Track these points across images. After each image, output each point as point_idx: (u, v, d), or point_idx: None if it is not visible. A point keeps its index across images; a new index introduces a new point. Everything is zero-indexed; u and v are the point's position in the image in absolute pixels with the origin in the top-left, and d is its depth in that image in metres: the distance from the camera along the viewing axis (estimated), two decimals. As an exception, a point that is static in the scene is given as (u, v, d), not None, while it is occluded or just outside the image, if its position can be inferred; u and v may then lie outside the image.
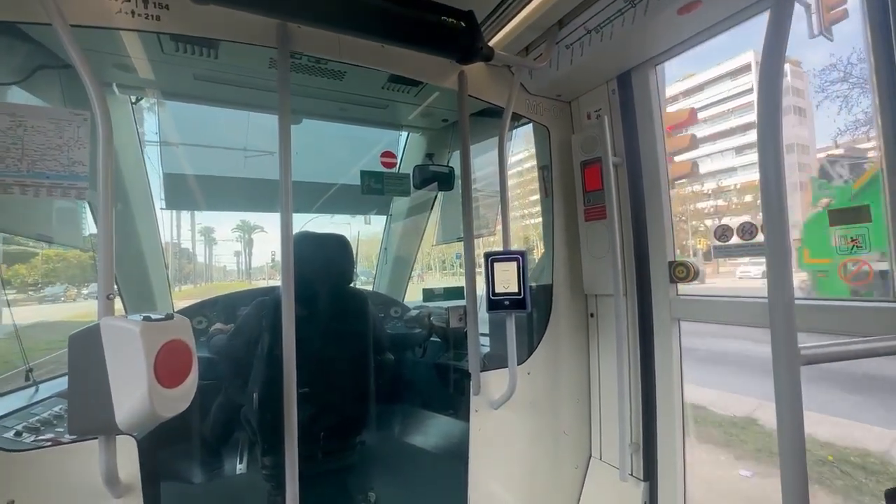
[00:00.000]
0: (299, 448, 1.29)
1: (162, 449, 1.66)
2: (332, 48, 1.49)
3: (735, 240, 1.46)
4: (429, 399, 2.41)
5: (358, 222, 3.11)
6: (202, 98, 2.14)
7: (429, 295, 2.10)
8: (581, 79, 1.79)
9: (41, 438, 1.16)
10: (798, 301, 0.68)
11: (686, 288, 1.65)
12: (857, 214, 1.24)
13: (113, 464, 1.02)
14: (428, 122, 2.61)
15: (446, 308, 2.08)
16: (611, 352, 1.83)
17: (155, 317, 0.87)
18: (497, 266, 1.59)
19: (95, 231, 1.80)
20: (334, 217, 2.97)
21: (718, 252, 1.53)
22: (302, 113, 2.28)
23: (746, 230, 1.43)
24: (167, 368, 0.85)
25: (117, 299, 1.09)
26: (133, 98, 2.11)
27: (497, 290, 1.59)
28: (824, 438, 3.87)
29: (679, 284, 1.65)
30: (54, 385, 1.59)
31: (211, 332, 2.14)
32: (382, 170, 2.24)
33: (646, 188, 1.71)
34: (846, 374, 5.01)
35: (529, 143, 2.13)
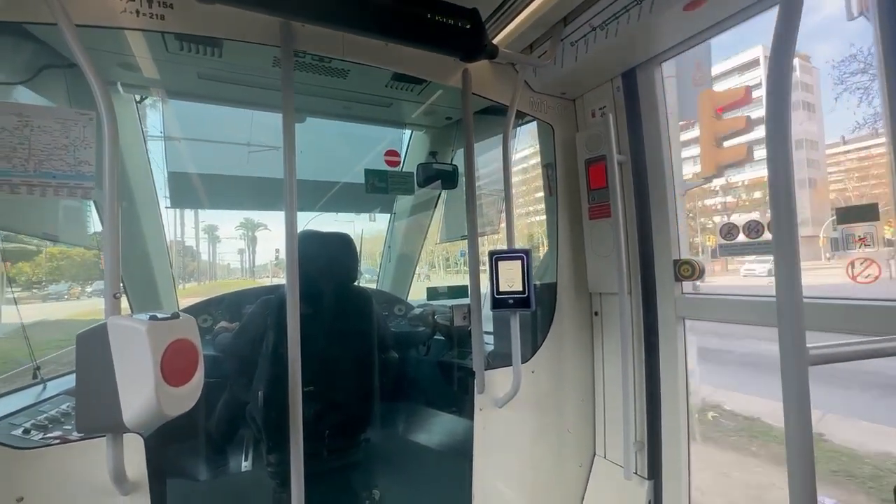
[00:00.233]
0: (304, 446, 1.29)
1: (168, 446, 1.67)
2: (336, 46, 1.49)
3: (741, 238, 1.44)
4: (433, 397, 2.41)
5: (361, 220, 3.12)
6: (206, 97, 2.14)
7: (433, 293, 2.10)
8: (586, 76, 1.78)
9: (49, 436, 1.17)
10: (806, 299, 0.67)
11: (687, 286, 1.64)
12: (865, 213, 1.23)
13: (120, 461, 1.03)
14: (431, 121, 2.60)
15: (450, 306, 2.07)
16: (615, 350, 1.82)
17: (161, 316, 0.87)
18: (501, 264, 1.59)
19: (100, 229, 1.81)
20: (338, 215, 2.97)
21: (724, 250, 1.52)
22: (306, 111, 2.28)
23: (753, 228, 1.41)
24: (174, 367, 0.85)
25: (123, 298, 1.10)
26: (138, 97, 2.12)
27: (501, 289, 1.59)
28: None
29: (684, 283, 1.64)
30: (62, 383, 1.61)
31: (216, 331, 2.15)
32: (386, 168, 2.24)
33: (651, 186, 1.70)
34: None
35: (536, 139, 2.12)
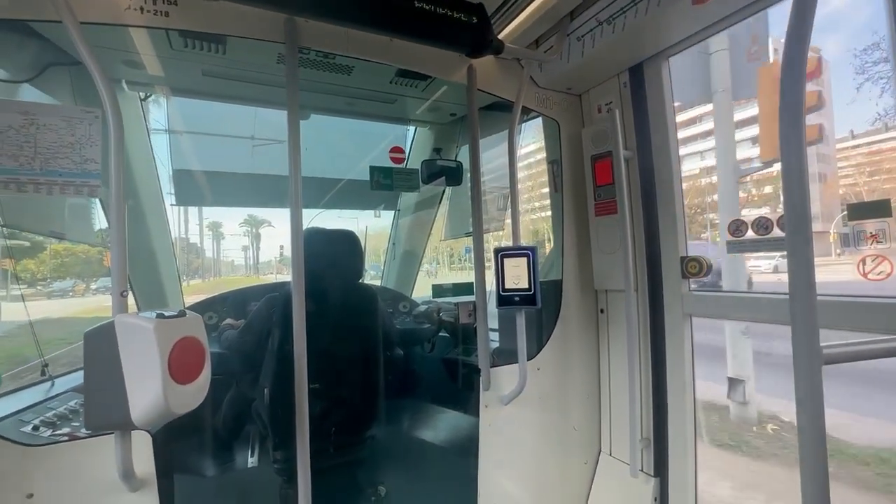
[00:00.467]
0: (310, 442, 1.29)
1: (176, 443, 1.68)
2: (340, 43, 1.48)
3: (750, 234, 1.43)
4: (438, 394, 2.41)
5: (366, 217, 3.11)
6: (211, 94, 2.14)
7: (438, 290, 2.10)
8: (592, 71, 1.77)
9: (58, 433, 1.18)
10: (818, 297, 0.66)
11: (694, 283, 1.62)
12: (877, 209, 1.21)
13: (128, 458, 1.03)
14: (436, 117, 2.59)
15: (455, 303, 2.07)
16: (621, 347, 1.81)
17: (168, 314, 0.87)
18: (507, 261, 1.58)
19: (106, 226, 1.82)
20: (342, 211, 2.97)
21: (732, 247, 1.50)
22: (310, 108, 2.27)
23: (762, 225, 1.40)
24: (181, 365, 0.85)
25: (129, 296, 1.10)
26: (142, 94, 2.12)
27: (507, 286, 1.58)
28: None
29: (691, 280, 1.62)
30: (70, 380, 1.62)
31: (222, 328, 2.15)
32: (391, 165, 2.23)
33: (658, 182, 1.69)
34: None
35: (541, 135, 2.11)
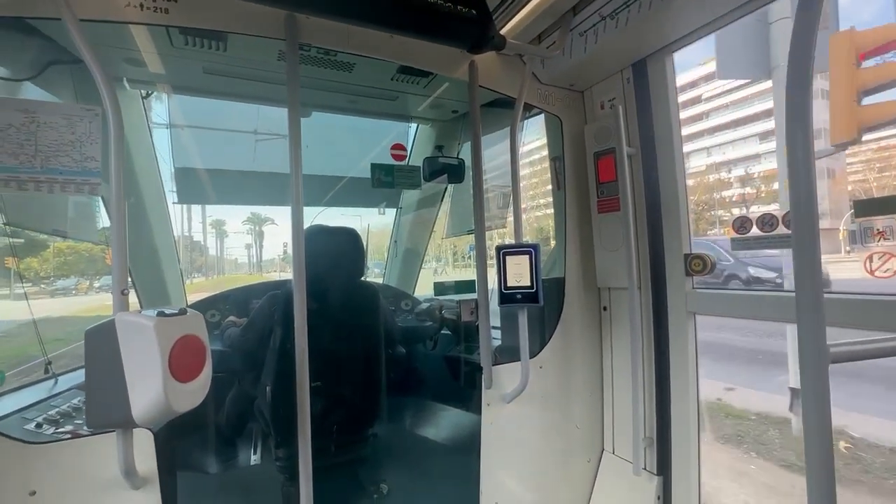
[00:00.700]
0: (312, 440, 1.29)
1: (178, 441, 1.68)
2: (341, 39, 1.47)
3: (755, 231, 1.41)
4: (440, 392, 2.41)
5: (368, 214, 3.11)
6: (212, 92, 2.14)
7: (440, 288, 2.09)
8: (595, 67, 1.75)
9: (61, 430, 1.18)
10: (825, 294, 0.65)
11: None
12: (885, 205, 1.19)
13: (130, 456, 1.03)
14: (438, 114, 2.58)
15: (457, 301, 2.06)
16: (624, 345, 1.80)
17: (169, 312, 0.87)
18: (509, 259, 1.57)
19: (108, 224, 1.82)
20: (344, 209, 2.96)
21: (737, 244, 1.49)
22: (311, 106, 2.27)
23: (767, 222, 1.38)
24: (182, 363, 0.85)
25: (132, 293, 1.10)
26: (144, 92, 2.12)
27: (509, 284, 1.57)
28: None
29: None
30: (73, 378, 1.62)
31: (224, 325, 2.16)
32: (392, 162, 2.23)
33: (661, 179, 1.67)
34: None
35: (543, 132, 2.09)
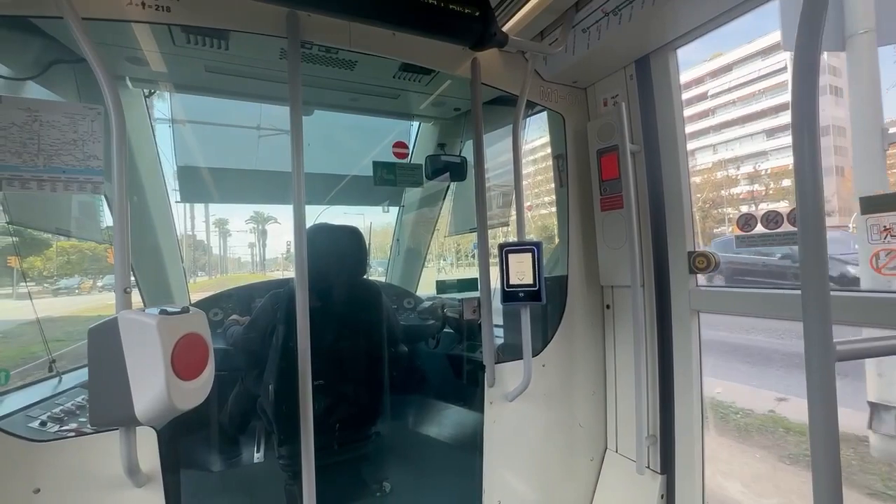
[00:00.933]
0: (315, 438, 1.29)
1: (181, 439, 1.69)
2: (343, 37, 1.47)
3: (759, 229, 1.40)
4: (443, 390, 2.41)
5: (371, 213, 3.10)
6: (214, 90, 2.14)
7: (442, 286, 2.09)
8: (598, 64, 1.74)
9: (65, 428, 1.19)
10: (831, 292, 0.64)
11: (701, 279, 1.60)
12: (892, 202, 1.18)
13: (134, 454, 1.04)
14: (440, 112, 2.57)
15: (460, 299, 2.06)
16: (627, 344, 1.80)
17: (171, 310, 0.87)
18: (512, 257, 1.57)
19: (111, 223, 1.82)
20: (346, 208, 2.96)
21: (741, 242, 1.48)
22: (313, 104, 2.26)
23: (771, 219, 1.37)
24: (184, 361, 0.85)
25: (135, 292, 1.10)
26: (146, 91, 2.12)
27: (512, 282, 1.57)
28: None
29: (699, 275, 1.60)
30: (77, 376, 1.63)
31: (227, 324, 2.16)
32: (395, 160, 2.22)
33: (665, 176, 1.66)
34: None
35: (546, 129, 2.08)
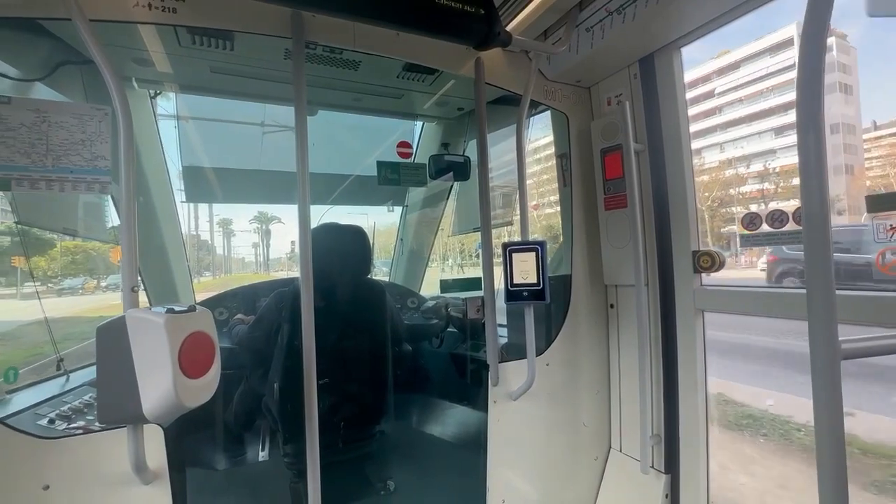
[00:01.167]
0: (319, 437, 1.30)
1: (187, 437, 1.70)
2: (347, 37, 1.47)
3: (765, 228, 1.40)
4: (447, 389, 2.42)
5: (375, 212, 3.10)
6: (220, 91, 2.15)
7: (446, 286, 2.09)
8: (602, 63, 1.74)
9: (73, 426, 1.20)
10: (837, 291, 0.64)
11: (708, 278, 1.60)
12: (898, 200, 1.17)
13: (141, 452, 1.05)
14: (443, 112, 2.57)
15: (464, 299, 2.06)
16: (631, 343, 1.79)
17: (178, 309, 0.88)
18: (516, 256, 1.57)
19: (118, 223, 1.84)
20: (350, 208, 2.97)
21: (745, 241, 1.47)
22: (317, 104, 2.27)
23: (776, 218, 1.37)
24: (191, 359, 0.86)
25: (141, 292, 1.11)
26: (152, 92, 2.13)
27: (516, 281, 1.57)
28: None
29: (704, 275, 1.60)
30: (85, 374, 1.64)
31: (232, 323, 2.18)
32: (398, 160, 2.23)
33: (669, 175, 1.66)
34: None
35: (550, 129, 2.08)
